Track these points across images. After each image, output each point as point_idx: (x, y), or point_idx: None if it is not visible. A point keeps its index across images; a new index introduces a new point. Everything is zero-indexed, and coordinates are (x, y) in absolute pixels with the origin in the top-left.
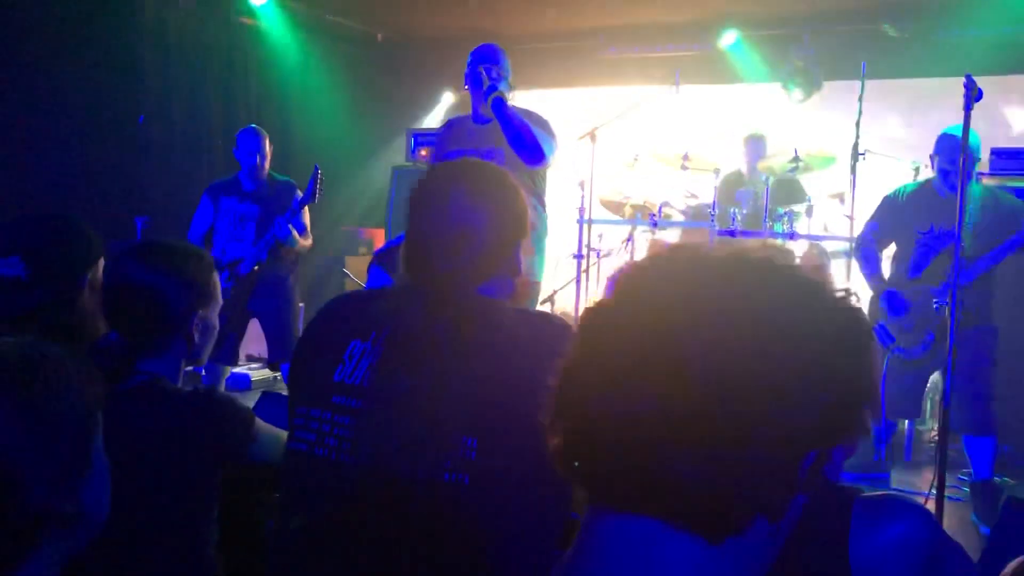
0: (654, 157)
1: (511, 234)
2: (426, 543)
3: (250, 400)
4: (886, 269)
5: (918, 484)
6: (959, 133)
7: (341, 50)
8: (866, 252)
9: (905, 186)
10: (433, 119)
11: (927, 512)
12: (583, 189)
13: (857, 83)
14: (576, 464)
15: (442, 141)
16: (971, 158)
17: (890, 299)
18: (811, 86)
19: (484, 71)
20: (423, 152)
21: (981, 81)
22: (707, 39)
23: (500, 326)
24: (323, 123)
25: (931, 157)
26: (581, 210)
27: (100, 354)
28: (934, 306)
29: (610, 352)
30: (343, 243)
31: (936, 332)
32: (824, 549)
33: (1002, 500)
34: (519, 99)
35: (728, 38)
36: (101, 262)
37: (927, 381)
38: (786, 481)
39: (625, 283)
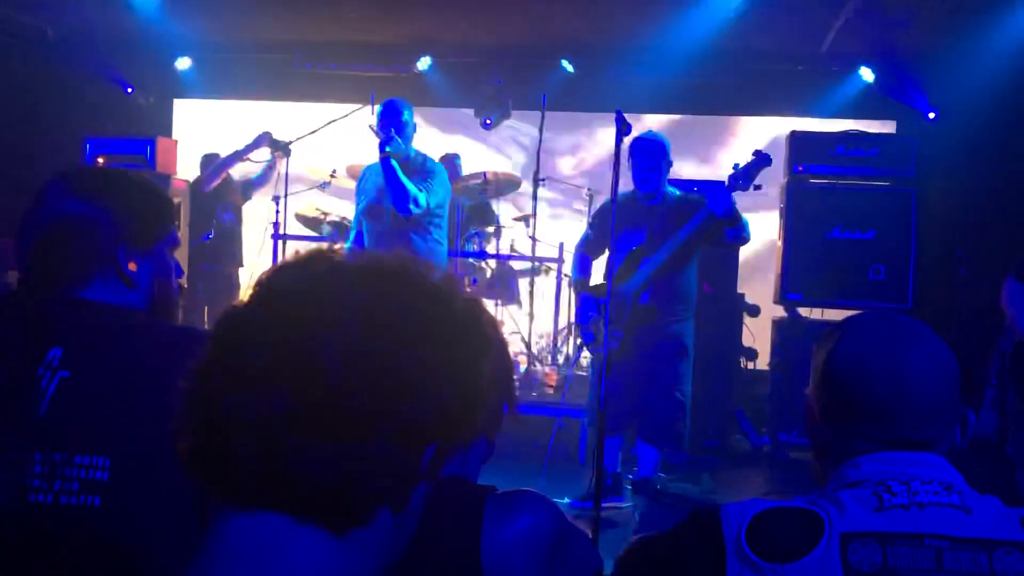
0: (350, 175)
1: (118, 234)
2: (66, 569)
3: None
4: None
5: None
6: (652, 137)
7: (4, 45)
8: (577, 256)
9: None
10: (115, 124)
11: (552, 504)
12: (277, 204)
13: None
14: (205, 464)
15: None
16: (665, 162)
17: (583, 302)
18: (500, 114)
19: (381, 129)
20: (100, 160)
21: (637, 118)
22: (404, 61)
23: (116, 335)
24: None
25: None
26: (276, 224)
27: None
28: (626, 304)
29: (242, 353)
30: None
31: (624, 331)
32: (457, 546)
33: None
34: (207, 108)
35: (423, 62)
36: None
37: (631, 394)
38: (408, 473)
39: (262, 286)
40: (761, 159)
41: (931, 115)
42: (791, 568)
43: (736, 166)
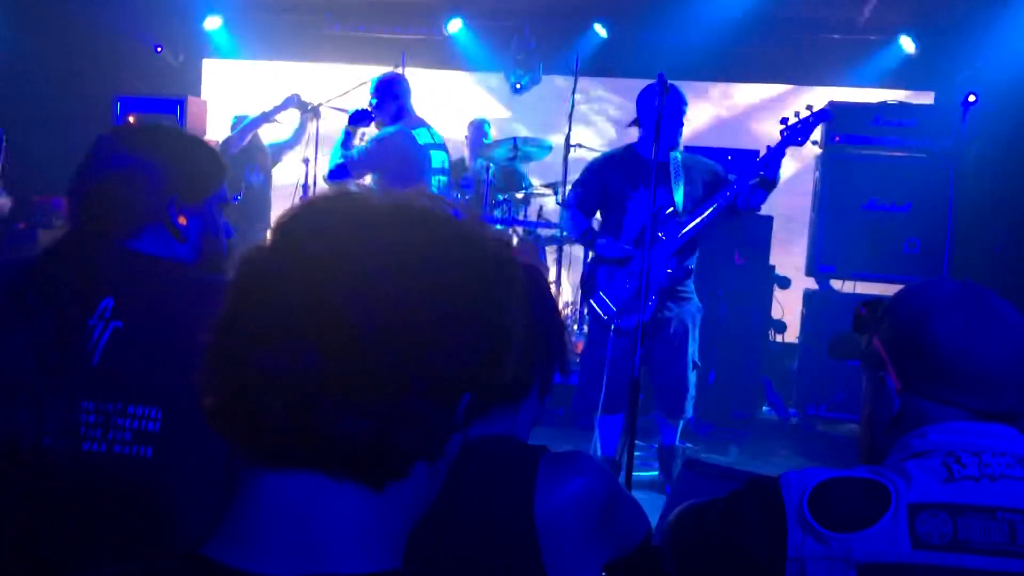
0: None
1: (168, 187)
2: (114, 518)
3: None
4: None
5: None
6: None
7: (32, 2)
8: (571, 214)
9: (607, 153)
10: (144, 83)
11: (604, 468)
12: (307, 165)
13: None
14: (232, 422)
15: None
16: (678, 122)
17: (608, 244)
18: (531, 78)
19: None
20: (131, 118)
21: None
22: (434, 24)
23: (166, 287)
24: (8, 84)
25: (635, 121)
26: (305, 187)
27: None
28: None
29: (265, 304)
30: (37, 215)
31: (656, 297)
32: (511, 506)
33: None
34: (236, 68)
35: (454, 25)
36: None
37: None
38: (443, 425)
39: (282, 230)
40: (822, 114)
41: (971, 97)
42: (856, 538)
43: (785, 120)
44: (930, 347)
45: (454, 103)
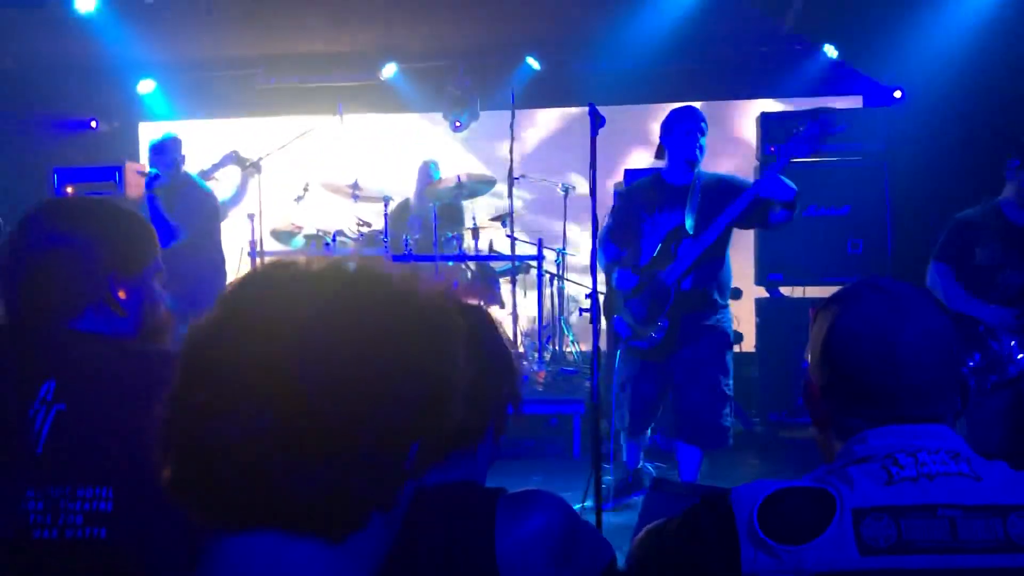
0: (324, 187)
1: (106, 263)
2: None
3: None
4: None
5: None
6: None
7: None
8: (603, 245)
9: (638, 180)
10: (81, 153)
11: (562, 501)
12: (252, 221)
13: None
14: (191, 491)
15: None
16: (693, 140)
17: (620, 275)
18: (469, 115)
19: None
20: (69, 189)
21: (606, 110)
22: (369, 69)
23: (110, 363)
24: None
25: (659, 147)
26: (252, 243)
27: None
28: (667, 289)
29: (216, 375)
30: None
31: (669, 319)
32: (472, 549)
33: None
34: (173, 130)
35: (388, 69)
36: None
37: (664, 393)
38: (395, 473)
39: (226, 303)
40: (811, 127)
41: (897, 93)
42: (805, 548)
43: (796, 130)
44: (828, 359)
45: (396, 145)
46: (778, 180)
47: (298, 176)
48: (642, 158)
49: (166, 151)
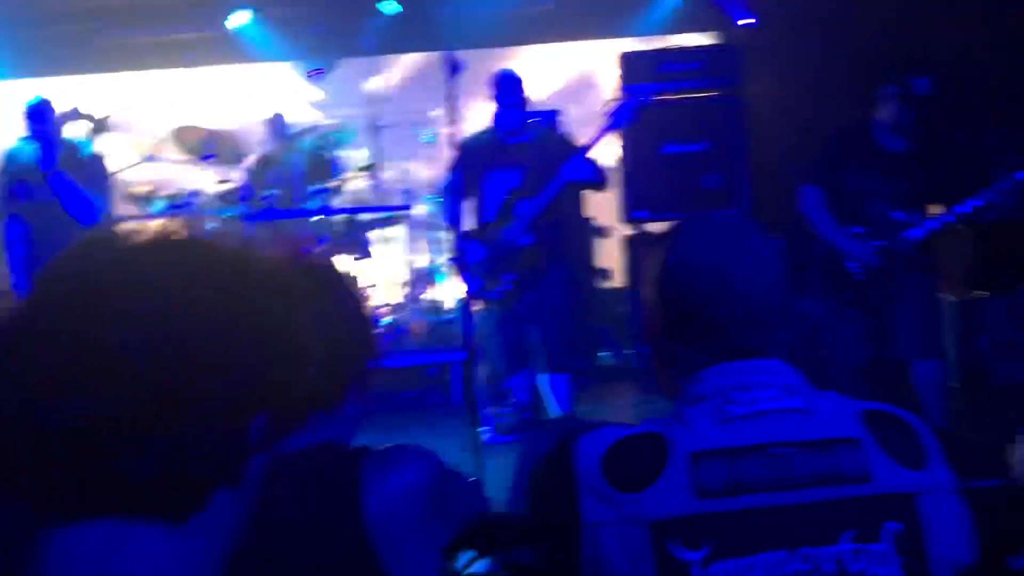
0: (178, 144)
1: None
2: None
3: None
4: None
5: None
6: (512, 72)
7: None
8: (447, 202)
9: (475, 134)
10: None
11: (429, 454)
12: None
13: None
14: (16, 483)
15: None
16: (521, 97)
17: (467, 249)
18: (326, 64)
19: (39, 143)
20: None
21: (472, 54)
22: (216, 19)
23: None
24: None
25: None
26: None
27: None
28: (513, 246)
29: (36, 359)
30: None
31: (517, 273)
32: (338, 511)
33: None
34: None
35: (239, 18)
36: None
37: (527, 333)
38: (239, 448)
39: (42, 283)
40: (633, 97)
41: (746, 21)
42: (644, 495)
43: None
44: (662, 295)
45: (250, 98)
46: (583, 165)
47: (150, 135)
48: None
49: (47, 116)
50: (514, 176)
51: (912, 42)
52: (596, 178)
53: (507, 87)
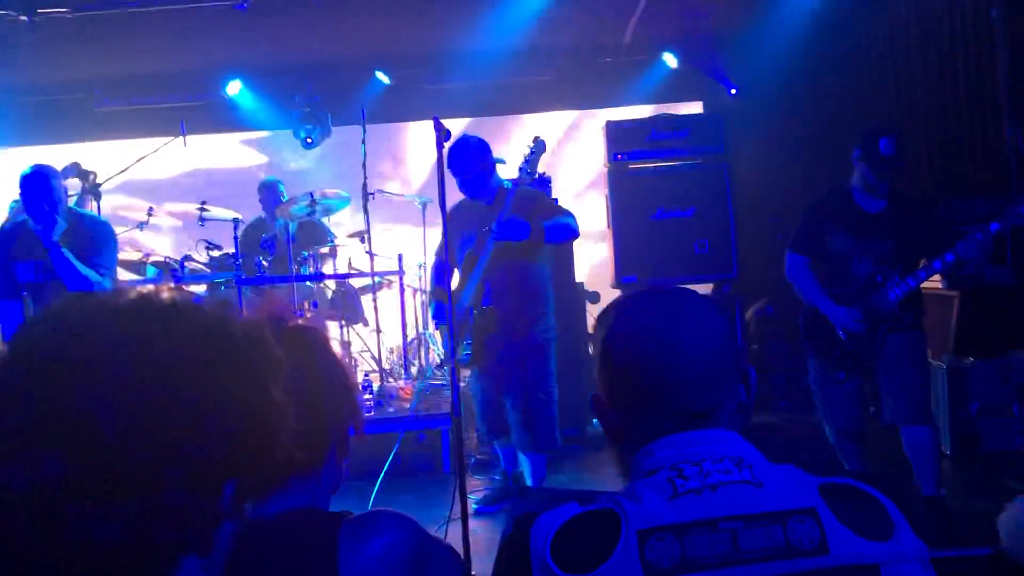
0: (169, 211)
1: None
2: None
3: None
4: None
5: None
6: (461, 143)
7: None
8: (435, 264)
9: (463, 199)
10: None
11: (409, 520)
12: None
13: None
14: None
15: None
16: (480, 164)
17: (436, 311)
18: (321, 132)
19: (34, 215)
20: None
21: (456, 123)
22: (211, 88)
23: None
24: None
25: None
26: None
27: None
28: (469, 313)
29: (3, 418)
30: None
31: (472, 339)
32: (314, 573)
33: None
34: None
35: (233, 87)
36: None
37: (503, 400)
38: (208, 515)
39: (15, 341)
40: (535, 147)
41: (733, 91)
42: None
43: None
44: (607, 364)
45: (244, 164)
46: (506, 227)
47: (141, 201)
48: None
49: (47, 185)
50: (471, 239)
51: (888, 105)
52: (521, 236)
53: (455, 159)
